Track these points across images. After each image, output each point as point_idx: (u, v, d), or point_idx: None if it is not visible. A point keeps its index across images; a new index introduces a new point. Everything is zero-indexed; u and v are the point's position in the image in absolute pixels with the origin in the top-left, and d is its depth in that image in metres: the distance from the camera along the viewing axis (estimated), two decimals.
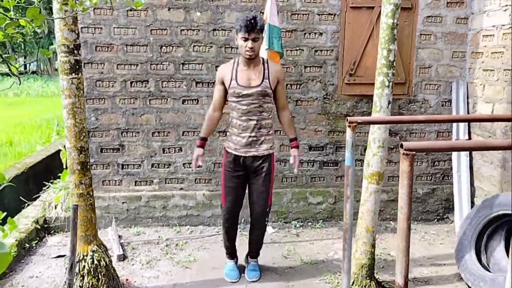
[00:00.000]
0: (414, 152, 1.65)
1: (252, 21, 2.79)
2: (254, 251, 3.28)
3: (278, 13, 3.48)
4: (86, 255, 2.76)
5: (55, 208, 4.00)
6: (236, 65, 2.97)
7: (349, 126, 2.31)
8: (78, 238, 2.65)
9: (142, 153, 3.96)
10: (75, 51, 2.64)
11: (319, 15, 3.87)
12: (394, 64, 2.78)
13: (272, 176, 3.08)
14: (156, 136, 3.95)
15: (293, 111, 3.99)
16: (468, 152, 3.98)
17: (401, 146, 1.66)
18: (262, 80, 2.93)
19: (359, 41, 3.90)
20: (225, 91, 3.02)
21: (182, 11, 3.76)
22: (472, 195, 3.99)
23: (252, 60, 2.91)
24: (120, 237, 3.75)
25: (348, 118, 2.30)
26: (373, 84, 3.95)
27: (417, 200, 4.25)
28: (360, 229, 3.00)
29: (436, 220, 4.28)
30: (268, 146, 3.03)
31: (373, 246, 3.00)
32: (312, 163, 4.11)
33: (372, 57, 3.95)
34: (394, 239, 3.85)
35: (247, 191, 3.14)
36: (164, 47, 3.81)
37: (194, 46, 3.83)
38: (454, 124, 4.04)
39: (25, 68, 24.21)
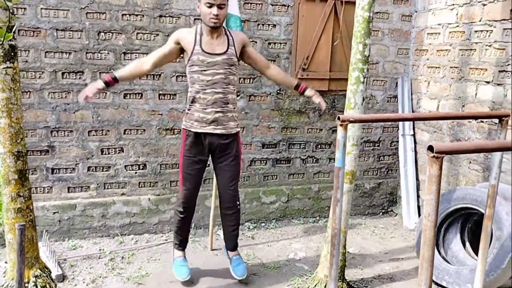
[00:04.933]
0: (444, 155, 1.55)
1: None
2: (233, 242, 3.03)
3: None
4: (28, 282, 2.30)
5: None
6: (200, 32, 2.70)
7: (341, 125, 2.15)
8: None
9: (77, 155, 3.45)
10: None
11: (272, 5, 3.67)
12: (369, 60, 2.68)
13: (240, 158, 2.91)
14: (93, 135, 3.46)
15: (246, 106, 3.77)
16: (413, 147, 4.09)
17: (430, 148, 1.54)
18: (228, 48, 2.71)
19: (312, 35, 3.78)
20: (176, 53, 2.73)
21: None
22: (417, 188, 4.12)
23: (216, 29, 2.67)
24: (53, 252, 3.23)
25: (340, 116, 2.14)
26: (325, 79, 3.93)
27: (364, 195, 4.29)
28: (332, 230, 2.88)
29: (381, 213, 4.36)
30: (235, 124, 2.82)
31: (345, 247, 2.91)
32: (265, 161, 3.92)
33: (325, 52, 3.87)
34: (350, 236, 3.81)
35: (213, 177, 2.97)
36: (102, 34, 3.34)
37: (137, 33, 3.41)
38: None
39: None
